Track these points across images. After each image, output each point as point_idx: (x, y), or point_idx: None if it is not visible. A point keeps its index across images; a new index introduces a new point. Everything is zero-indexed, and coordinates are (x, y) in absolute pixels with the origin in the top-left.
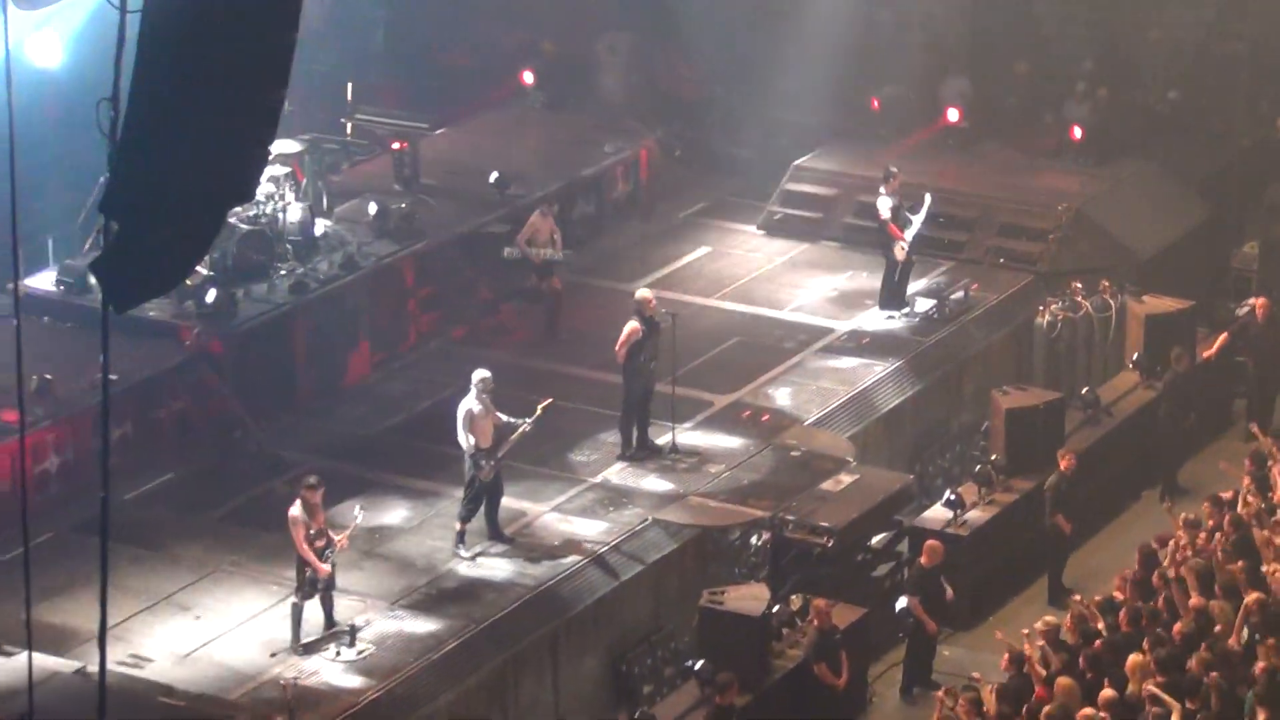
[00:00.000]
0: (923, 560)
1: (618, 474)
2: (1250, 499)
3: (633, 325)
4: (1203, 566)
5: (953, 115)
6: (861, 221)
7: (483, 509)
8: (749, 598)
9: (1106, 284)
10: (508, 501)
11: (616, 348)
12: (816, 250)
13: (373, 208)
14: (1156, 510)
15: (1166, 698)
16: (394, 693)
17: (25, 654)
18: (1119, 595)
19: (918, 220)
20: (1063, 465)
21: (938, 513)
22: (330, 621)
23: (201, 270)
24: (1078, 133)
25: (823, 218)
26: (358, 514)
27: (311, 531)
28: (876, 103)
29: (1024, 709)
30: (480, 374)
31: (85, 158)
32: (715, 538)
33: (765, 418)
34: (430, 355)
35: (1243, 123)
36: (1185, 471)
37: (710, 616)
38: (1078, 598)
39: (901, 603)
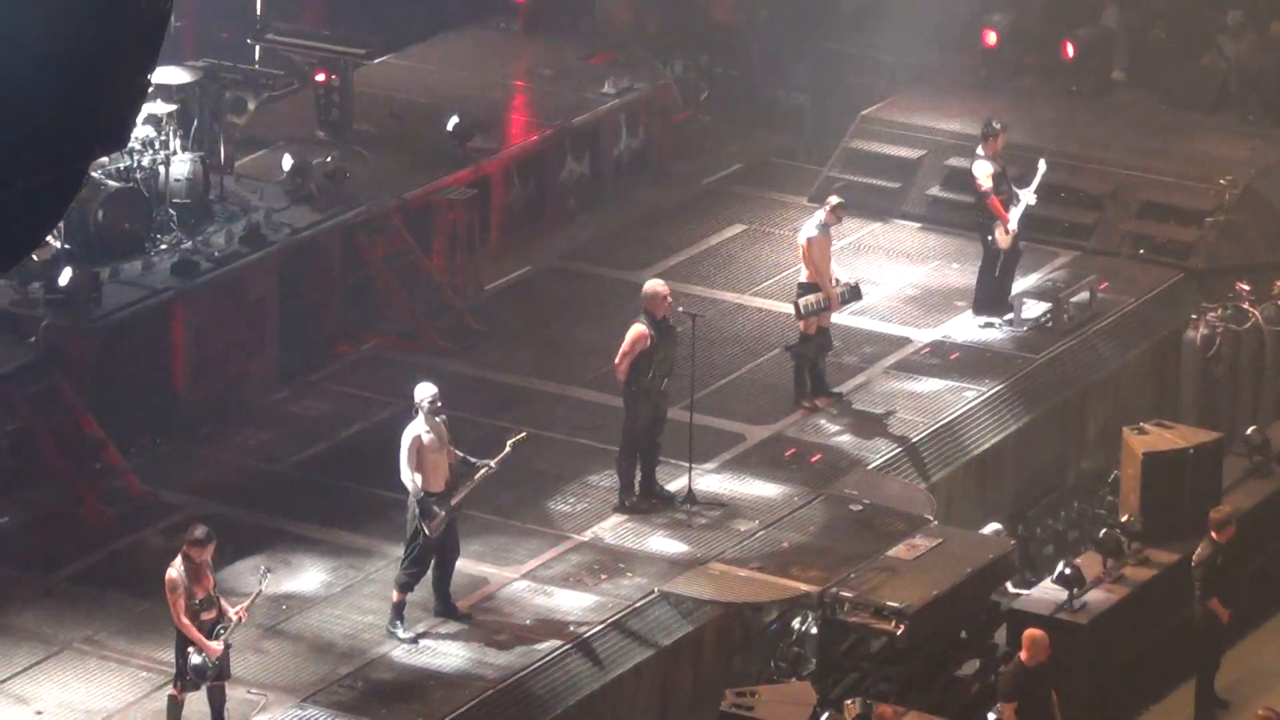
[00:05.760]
0: (1023, 656)
1: (614, 530)
2: None
3: (639, 330)
4: None
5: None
6: (952, 194)
7: (430, 574)
8: (788, 702)
9: None
10: (464, 564)
11: (616, 361)
12: (890, 231)
13: (288, 162)
14: None
15: None
16: None
17: None
18: None
19: (1028, 194)
20: (1218, 533)
21: (1047, 592)
22: None
23: (53, 241)
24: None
25: (900, 188)
26: (261, 577)
27: (197, 600)
28: (994, 35)
29: None
30: (427, 390)
31: None
32: (744, 620)
33: (816, 459)
34: (361, 364)
35: None
36: None
37: None
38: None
39: (995, 714)
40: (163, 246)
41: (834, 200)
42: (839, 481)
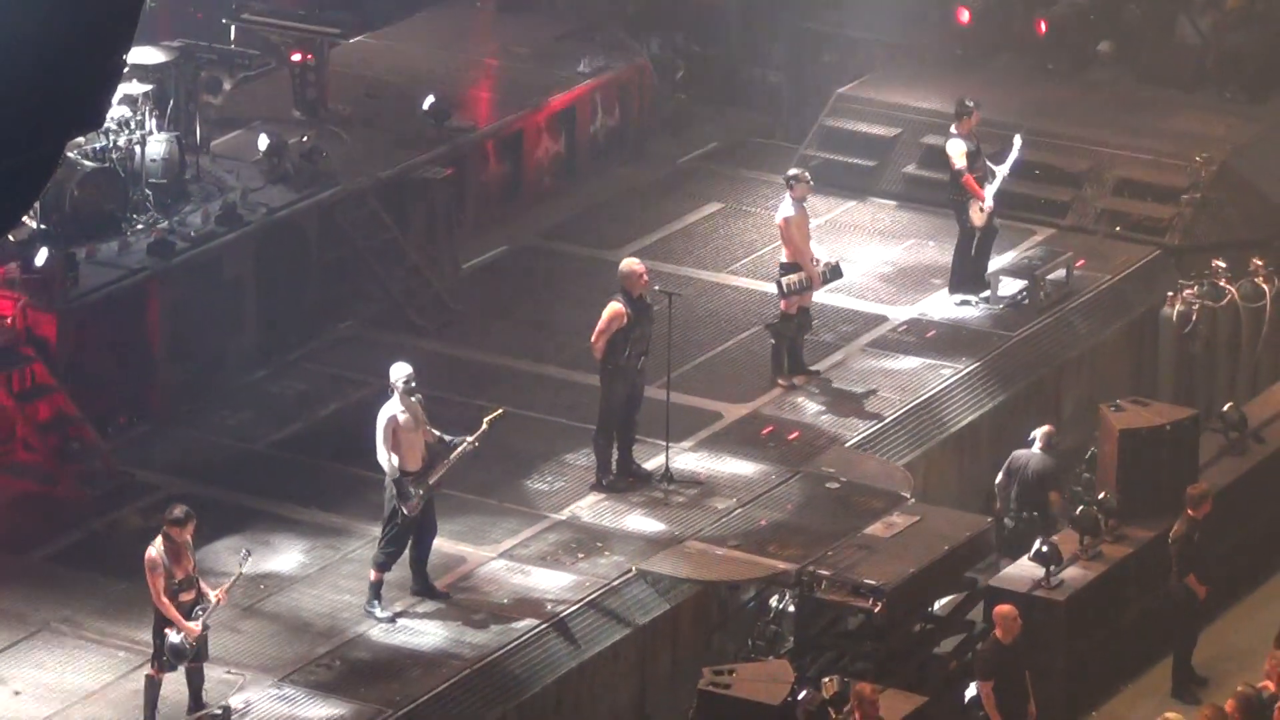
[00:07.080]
0: (998, 634)
1: (591, 509)
2: None
3: (615, 309)
4: None
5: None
6: (928, 172)
7: (407, 553)
8: (766, 679)
9: (1260, 263)
10: (441, 544)
11: (593, 339)
12: (866, 210)
13: (263, 142)
14: None
15: None
16: None
17: None
18: (1271, 686)
19: (1003, 172)
20: (1194, 509)
21: (1024, 569)
22: (197, 703)
23: (29, 222)
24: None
25: (875, 166)
26: (242, 559)
27: (176, 580)
28: (967, 13)
29: None
30: (401, 370)
31: None
32: (721, 598)
33: (793, 436)
34: (337, 343)
35: None
36: None
37: (712, 704)
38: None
39: (972, 690)
40: (139, 226)
41: (792, 172)
42: (816, 459)
